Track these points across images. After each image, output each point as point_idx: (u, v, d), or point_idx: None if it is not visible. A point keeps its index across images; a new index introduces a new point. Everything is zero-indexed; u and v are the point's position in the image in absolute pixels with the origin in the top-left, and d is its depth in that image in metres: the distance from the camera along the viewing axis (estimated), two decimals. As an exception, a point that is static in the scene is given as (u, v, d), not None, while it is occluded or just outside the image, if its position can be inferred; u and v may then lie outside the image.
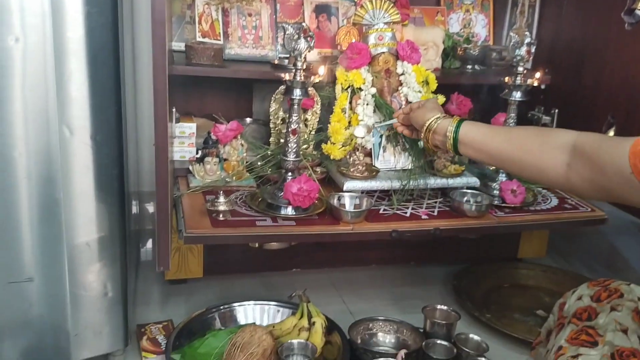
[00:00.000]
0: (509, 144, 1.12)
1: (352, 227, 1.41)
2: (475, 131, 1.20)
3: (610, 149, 0.93)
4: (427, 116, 1.30)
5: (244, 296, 1.53)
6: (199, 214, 1.38)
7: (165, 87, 1.01)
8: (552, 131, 1.08)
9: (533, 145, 1.07)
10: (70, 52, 1.07)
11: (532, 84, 1.52)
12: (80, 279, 1.19)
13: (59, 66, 1.06)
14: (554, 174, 1.04)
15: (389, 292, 1.75)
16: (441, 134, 1.25)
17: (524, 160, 1.09)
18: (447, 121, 1.25)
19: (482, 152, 1.18)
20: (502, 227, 1.50)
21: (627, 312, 1.04)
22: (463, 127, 1.21)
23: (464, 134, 1.20)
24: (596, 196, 1.02)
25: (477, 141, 1.18)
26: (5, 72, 1.04)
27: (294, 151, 1.42)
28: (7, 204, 1.10)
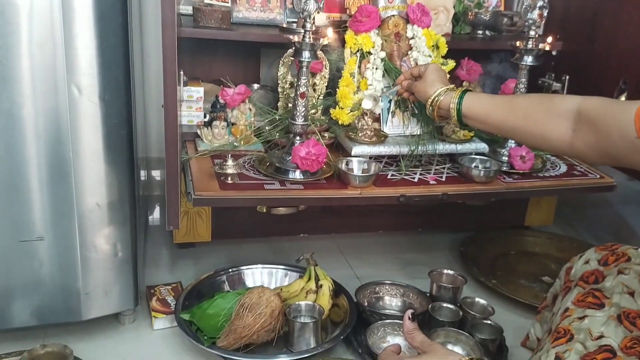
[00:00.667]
0: (512, 114, 1.12)
1: (359, 191, 1.41)
2: (478, 103, 1.19)
3: (615, 113, 0.92)
4: (429, 92, 1.30)
5: (251, 260, 1.54)
6: (207, 177, 1.38)
7: (174, 42, 1.00)
8: (556, 98, 1.07)
9: (537, 114, 1.07)
10: (77, 10, 1.06)
11: (544, 48, 1.50)
12: (91, 239, 1.20)
13: (66, 23, 1.05)
14: (558, 141, 1.04)
15: (395, 258, 1.76)
16: (445, 109, 1.25)
17: (528, 129, 1.08)
18: (449, 96, 1.25)
19: (486, 123, 1.18)
20: (510, 193, 1.50)
21: (634, 276, 1.04)
22: (466, 100, 1.21)
23: (467, 108, 1.20)
24: (601, 161, 1.02)
25: (480, 113, 1.18)
26: (13, 29, 1.03)
27: (302, 115, 1.41)
28: (17, 162, 1.10)
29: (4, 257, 1.16)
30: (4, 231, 1.14)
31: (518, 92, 1.55)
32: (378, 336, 1.30)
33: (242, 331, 1.22)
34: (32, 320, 1.22)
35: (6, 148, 1.09)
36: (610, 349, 0.95)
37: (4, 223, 1.14)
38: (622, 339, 0.95)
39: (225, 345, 1.23)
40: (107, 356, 1.25)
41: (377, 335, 1.30)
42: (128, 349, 1.28)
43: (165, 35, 0.99)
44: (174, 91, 1.04)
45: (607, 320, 0.99)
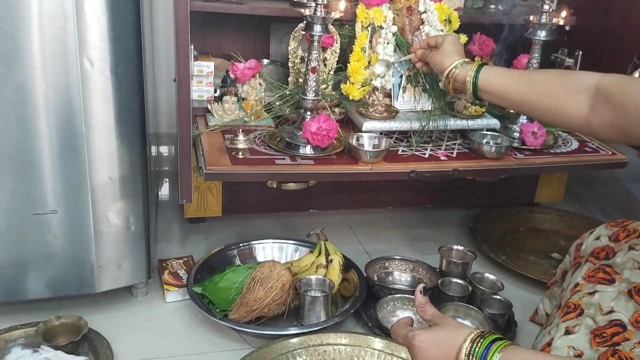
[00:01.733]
0: (530, 89, 1.10)
1: (370, 167, 1.41)
2: (495, 77, 1.18)
3: (633, 91, 0.91)
4: (446, 63, 1.27)
5: (262, 235, 1.56)
6: (218, 152, 1.38)
7: (187, 15, 0.99)
8: (574, 74, 1.06)
9: (555, 90, 1.06)
10: (88, -18, 1.05)
11: (557, 22, 1.48)
12: (104, 213, 1.22)
13: None
14: (575, 118, 1.03)
15: (405, 234, 1.76)
16: (460, 81, 1.23)
17: (545, 105, 1.07)
18: (465, 69, 1.23)
19: (503, 98, 1.17)
20: (522, 169, 1.49)
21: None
22: (482, 73, 1.19)
23: (483, 81, 1.18)
24: (617, 139, 1.01)
25: (497, 88, 1.17)
26: (23, 1, 1.03)
27: (313, 90, 1.40)
28: (30, 136, 1.11)
29: (19, 230, 1.17)
30: (18, 204, 1.15)
31: (531, 67, 1.53)
32: (387, 310, 1.32)
33: (254, 304, 1.24)
34: (47, 292, 1.24)
35: (18, 121, 1.10)
36: (620, 324, 0.95)
37: (18, 196, 1.15)
38: (633, 313, 0.96)
39: (237, 317, 1.24)
40: (121, 328, 1.27)
41: (386, 310, 1.32)
42: (141, 321, 1.30)
43: (178, 8, 0.98)
44: (186, 65, 1.04)
45: (618, 296, 1.00)
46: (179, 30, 0.99)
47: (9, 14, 1.03)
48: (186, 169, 1.12)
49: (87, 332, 1.18)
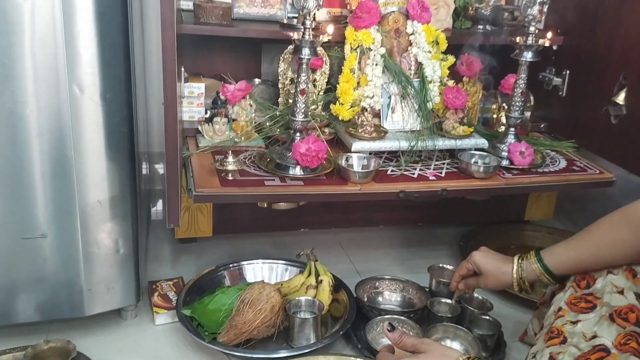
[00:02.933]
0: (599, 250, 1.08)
1: (359, 187, 1.42)
2: (558, 253, 1.16)
3: None
4: (506, 278, 1.22)
5: (252, 255, 1.56)
6: (208, 173, 1.39)
7: (173, 43, 1.01)
8: (628, 211, 1.03)
9: (622, 234, 1.04)
10: (78, 10, 1.07)
11: (543, 44, 1.50)
12: (93, 236, 1.22)
13: (67, 23, 1.06)
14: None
15: (395, 253, 1.77)
16: (531, 277, 1.19)
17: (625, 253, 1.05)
18: (526, 266, 1.19)
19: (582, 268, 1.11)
20: (510, 189, 1.51)
21: (623, 274, 1.05)
22: (545, 260, 1.17)
23: (551, 260, 1.16)
24: None
25: (570, 266, 1.13)
26: (15, 29, 1.04)
27: (302, 111, 1.42)
28: (20, 161, 1.12)
29: (8, 254, 1.18)
30: (7, 228, 1.15)
31: (518, 87, 1.55)
32: (377, 331, 1.32)
33: (243, 327, 1.24)
34: (36, 316, 1.24)
35: (9, 146, 1.10)
36: (603, 348, 0.96)
37: (8, 220, 1.15)
38: (616, 336, 0.97)
39: (226, 340, 1.24)
40: (110, 351, 1.27)
41: (376, 331, 1.32)
42: (130, 345, 1.30)
43: (165, 37, 1.00)
44: (173, 93, 1.05)
45: (600, 320, 1.00)
46: (166, 60, 1.00)
47: (0, 42, 1.04)
48: (174, 194, 1.13)
49: (76, 356, 1.18)
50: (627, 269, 1.05)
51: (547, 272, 1.16)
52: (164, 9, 0.97)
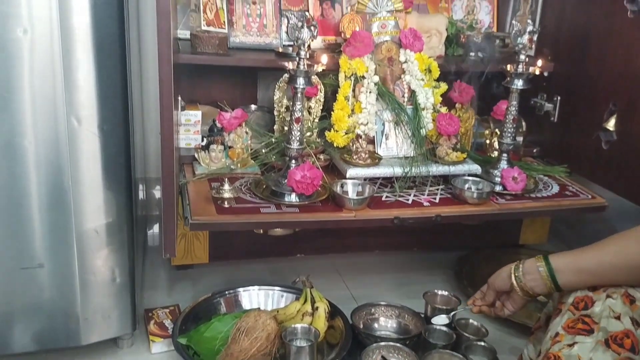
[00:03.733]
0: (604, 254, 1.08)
1: (354, 214, 1.43)
2: (565, 255, 1.14)
3: None
4: (505, 270, 1.22)
5: (249, 281, 1.56)
6: (205, 201, 1.41)
7: (170, 78, 1.03)
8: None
9: (631, 247, 1.04)
10: (77, 43, 1.09)
11: (534, 72, 1.53)
12: (89, 265, 1.23)
13: (66, 57, 1.08)
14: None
15: (391, 278, 1.78)
16: (533, 273, 1.17)
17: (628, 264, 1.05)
18: (529, 261, 1.18)
19: (582, 271, 1.11)
20: (503, 214, 1.52)
21: (621, 299, 1.06)
22: (552, 257, 1.15)
23: (557, 262, 1.14)
24: None
25: (572, 263, 1.12)
26: (14, 62, 1.06)
27: (297, 139, 1.44)
28: (18, 192, 1.13)
29: (6, 284, 1.18)
30: (5, 259, 1.16)
31: (509, 114, 1.57)
32: (373, 359, 1.32)
33: (239, 355, 1.24)
34: (33, 346, 1.24)
35: (7, 177, 1.12)
36: (598, 374, 0.96)
37: (6, 251, 1.16)
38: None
39: (222, 369, 1.24)
40: (106, 380, 1.27)
41: (372, 358, 1.32)
42: (126, 373, 1.30)
43: (162, 71, 1.02)
44: (170, 125, 1.07)
45: (596, 346, 1.01)
46: (163, 91, 1.02)
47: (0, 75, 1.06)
48: (170, 225, 1.14)
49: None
50: (625, 293, 1.06)
51: (549, 269, 1.13)
52: (161, 44, 1.00)
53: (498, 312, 1.26)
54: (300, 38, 1.36)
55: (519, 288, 1.19)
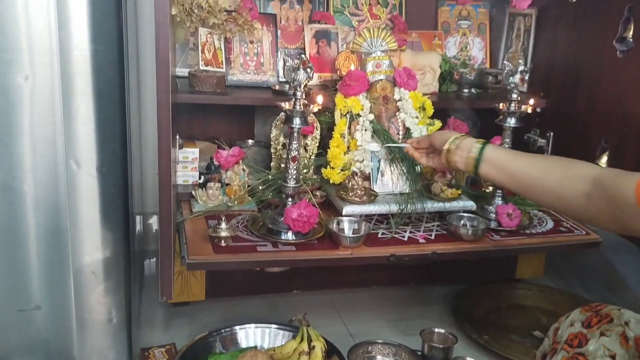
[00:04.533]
0: (533, 168, 1.15)
1: (350, 251, 1.44)
2: (501, 151, 1.22)
3: (622, 182, 0.97)
4: (450, 134, 1.33)
5: (245, 318, 1.56)
6: (201, 240, 1.41)
7: (168, 123, 1.05)
8: (576, 162, 1.11)
9: (557, 172, 1.11)
10: (77, 89, 1.12)
11: (526, 110, 1.56)
12: (86, 306, 1.23)
13: (66, 102, 1.11)
14: (573, 203, 1.07)
15: (388, 313, 1.78)
16: (465, 150, 1.26)
17: (546, 186, 1.12)
18: (471, 139, 1.28)
19: (505, 172, 1.19)
20: (499, 251, 1.53)
21: (615, 338, 1.06)
22: (488, 146, 1.23)
23: (489, 152, 1.21)
24: (613, 228, 1.05)
25: (501, 160, 1.20)
26: (15, 108, 1.08)
27: (293, 177, 1.45)
28: (17, 235, 1.14)
29: (2, 326, 1.18)
30: (2, 301, 1.17)
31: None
32: (370, 398, 1.32)
33: (235, 396, 1.23)
34: (28, 387, 1.24)
35: (6, 221, 1.13)
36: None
37: (3, 293, 1.16)
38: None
39: (218, 410, 1.24)
40: (101, 422, 1.26)
41: (369, 397, 1.32)
42: (122, 414, 1.29)
43: (161, 117, 1.04)
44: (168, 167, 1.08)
45: (590, 386, 1.01)
46: (161, 136, 1.04)
47: (0, 120, 1.08)
48: (167, 269, 1.14)
49: None
50: (622, 334, 1.06)
51: (479, 154, 1.22)
52: (160, 91, 1.02)
53: (419, 158, 1.43)
54: (296, 79, 1.38)
55: (444, 156, 1.30)
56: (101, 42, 1.11)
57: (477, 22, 2.09)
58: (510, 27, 2.03)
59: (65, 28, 1.08)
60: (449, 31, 2.07)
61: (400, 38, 1.88)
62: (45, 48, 1.07)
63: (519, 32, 1.99)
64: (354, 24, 1.97)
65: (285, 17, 1.90)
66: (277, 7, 1.89)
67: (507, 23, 2.03)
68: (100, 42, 1.11)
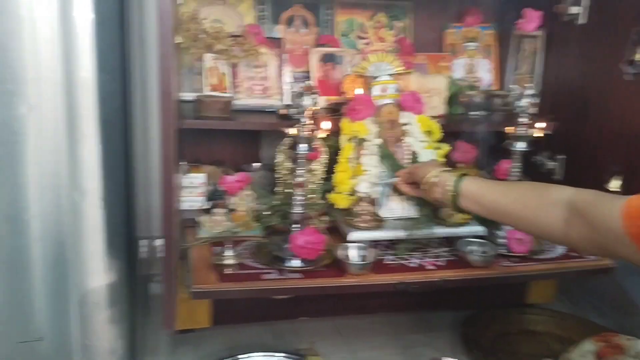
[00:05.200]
0: (506, 197, 1.13)
1: (357, 279, 1.42)
2: (475, 184, 1.22)
3: (604, 206, 0.94)
4: (429, 170, 1.34)
5: (251, 345, 1.54)
6: (206, 268, 1.40)
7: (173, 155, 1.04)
8: (549, 186, 1.08)
9: (531, 201, 1.08)
10: (82, 119, 1.11)
11: (534, 134, 1.54)
12: (89, 337, 1.21)
13: (71, 132, 1.10)
14: (551, 230, 1.04)
15: (396, 340, 1.74)
16: (441, 186, 1.28)
17: (521, 215, 1.10)
18: (448, 174, 1.28)
19: (480, 204, 1.19)
20: (509, 278, 1.51)
21: None
22: (464, 181, 1.24)
23: (464, 186, 1.22)
24: (594, 253, 1.03)
25: (475, 194, 1.20)
26: (20, 139, 1.08)
27: (299, 204, 1.44)
28: (20, 266, 1.13)
29: (2, 358, 1.16)
30: (3, 333, 1.15)
31: (512, 176, 1.58)
32: None
33: None
34: (28, 422, 1.22)
35: (9, 251, 1.12)
36: None
37: (5, 325, 1.15)
38: None
39: None
40: None
41: None
42: None
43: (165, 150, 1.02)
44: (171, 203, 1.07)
45: None
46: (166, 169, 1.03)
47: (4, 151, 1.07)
48: (170, 300, 1.13)
49: None
50: None
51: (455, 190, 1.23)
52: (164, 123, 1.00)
53: (408, 192, 1.47)
54: (302, 105, 1.37)
55: (424, 192, 1.35)
56: (106, 71, 1.11)
57: (484, 44, 2.08)
58: (517, 49, 2.01)
59: (69, 58, 1.08)
60: (456, 53, 2.06)
61: (406, 61, 1.87)
62: (51, 78, 1.07)
63: (527, 54, 1.97)
64: (359, 47, 1.97)
65: (292, 41, 1.90)
66: (283, 31, 1.89)
67: (514, 45, 2.02)
68: (106, 71, 1.11)
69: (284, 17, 1.90)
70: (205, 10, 1.81)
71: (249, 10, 1.87)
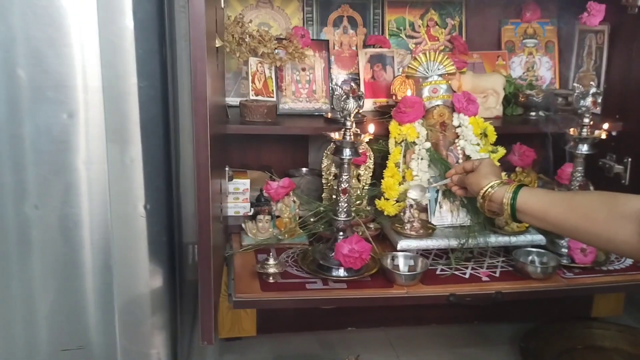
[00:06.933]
0: (572, 213, 1.03)
1: (406, 290, 1.35)
2: (535, 199, 1.11)
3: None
4: (482, 183, 1.22)
5: (297, 356, 1.50)
6: (249, 276, 1.37)
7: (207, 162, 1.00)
8: (619, 197, 0.98)
9: (599, 215, 0.98)
10: (123, 126, 1.10)
11: (599, 135, 1.42)
12: (132, 345, 1.21)
13: (112, 139, 1.10)
14: (623, 244, 0.95)
15: (450, 353, 1.66)
16: (497, 202, 1.17)
17: (590, 231, 1.00)
18: (503, 189, 1.17)
19: (543, 221, 1.09)
20: (572, 291, 1.40)
21: None
22: (521, 194, 1.12)
23: (522, 203, 1.12)
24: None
25: (536, 210, 1.10)
26: (62, 147, 1.08)
27: (344, 211, 1.38)
28: (72, 274, 1.15)
29: (45, 365, 1.18)
30: (48, 342, 1.16)
31: (575, 180, 1.47)
32: None
33: None
34: None
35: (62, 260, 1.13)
36: None
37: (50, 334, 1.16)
38: None
39: None
40: None
41: None
42: None
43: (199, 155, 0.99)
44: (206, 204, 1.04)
45: None
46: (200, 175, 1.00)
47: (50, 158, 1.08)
48: (207, 312, 1.09)
49: None
50: None
51: (512, 204, 1.13)
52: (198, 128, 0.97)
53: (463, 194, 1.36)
54: (345, 109, 1.32)
55: (480, 207, 1.24)
56: (145, 78, 1.10)
57: (545, 40, 1.96)
58: (580, 45, 1.88)
59: (110, 65, 1.07)
60: (514, 50, 1.95)
61: (460, 60, 1.79)
62: (93, 85, 1.07)
63: (591, 50, 1.84)
64: (410, 46, 1.90)
65: (339, 42, 1.85)
66: (330, 32, 1.85)
67: (577, 41, 1.89)
68: (145, 78, 1.10)
69: (331, 18, 1.85)
70: (252, 14, 1.79)
71: (295, 12, 1.84)
